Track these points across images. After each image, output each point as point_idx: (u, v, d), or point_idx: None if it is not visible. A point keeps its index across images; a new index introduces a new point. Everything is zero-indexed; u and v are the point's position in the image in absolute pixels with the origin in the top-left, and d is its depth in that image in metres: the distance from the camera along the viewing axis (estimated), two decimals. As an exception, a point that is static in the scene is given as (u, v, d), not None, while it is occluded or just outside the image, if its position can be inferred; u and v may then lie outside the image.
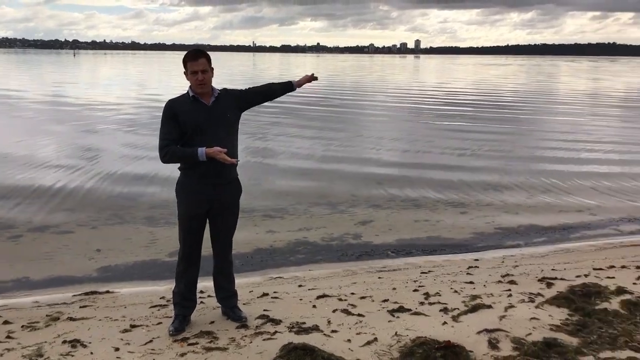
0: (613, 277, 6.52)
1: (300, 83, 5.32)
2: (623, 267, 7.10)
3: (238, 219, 5.20)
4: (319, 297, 5.99)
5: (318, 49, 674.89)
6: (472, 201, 11.38)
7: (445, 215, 10.46)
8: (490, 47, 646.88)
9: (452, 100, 35.83)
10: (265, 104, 5.37)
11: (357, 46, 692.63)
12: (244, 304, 5.60)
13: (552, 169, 14.43)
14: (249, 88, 5.20)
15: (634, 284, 6.25)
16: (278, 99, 5.52)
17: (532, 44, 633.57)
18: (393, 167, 14.67)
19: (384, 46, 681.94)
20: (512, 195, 11.91)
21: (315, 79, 5.41)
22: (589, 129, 22.34)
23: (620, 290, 5.99)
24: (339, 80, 60.51)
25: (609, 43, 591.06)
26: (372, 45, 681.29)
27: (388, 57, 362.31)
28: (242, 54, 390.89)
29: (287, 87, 5.27)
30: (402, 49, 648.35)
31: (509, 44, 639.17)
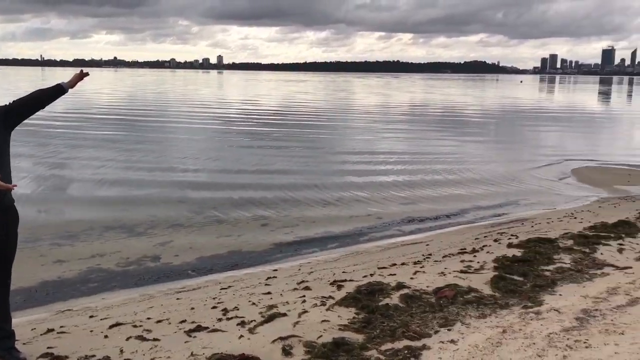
0: (394, 274, 7.16)
1: (72, 83, 4.95)
2: (403, 264, 7.84)
3: (16, 250, 4.72)
4: (111, 327, 5.68)
5: (115, 63, 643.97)
6: (273, 215, 11.71)
7: (246, 229, 10.62)
8: (290, 63, 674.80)
9: (255, 116, 36.60)
10: (55, 123, 4.96)
11: (158, 61, 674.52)
12: (23, 343, 5.09)
13: (345, 180, 15.44)
14: (14, 101, 4.69)
15: (411, 278, 6.93)
16: (62, 115, 5.13)
17: (328, 61, 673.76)
18: (194, 185, 14.52)
19: (185, 61, 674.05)
20: (309, 204, 12.52)
21: (87, 74, 5.11)
22: (378, 142, 24.39)
23: (400, 286, 6.61)
24: (139, 96, 58.30)
25: (393, 61, 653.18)
26: (173, 60, 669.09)
27: (191, 72, 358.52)
28: (30, 68, 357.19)
29: (58, 90, 4.81)
30: (205, 65, 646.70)
31: (307, 61, 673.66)
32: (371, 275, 7.19)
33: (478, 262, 7.50)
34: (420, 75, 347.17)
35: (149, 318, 5.93)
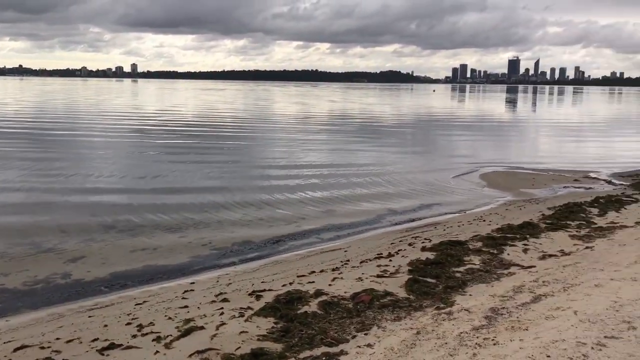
0: (313, 282, 7.22)
1: None
2: (322, 271, 7.93)
3: None
4: (16, 350, 5.39)
5: (21, 71, 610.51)
6: (190, 224, 11.51)
7: (162, 241, 10.36)
8: (208, 72, 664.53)
9: (171, 126, 35.81)
10: None
11: (68, 69, 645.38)
12: None
13: (265, 189, 15.41)
14: None
15: (330, 285, 7.01)
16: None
17: (246, 69, 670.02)
18: (108, 198, 14.00)
19: (98, 69, 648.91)
20: (228, 215, 12.39)
21: None
22: (298, 151, 24.51)
23: (318, 293, 6.68)
24: (47, 106, 55.58)
25: (312, 70, 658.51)
26: (85, 68, 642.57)
27: (104, 81, 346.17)
28: None
29: None
30: (119, 73, 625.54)
31: (225, 70, 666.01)
32: (290, 284, 7.22)
33: (394, 266, 7.71)
34: (338, 84, 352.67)
35: (58, 338, 5.67)
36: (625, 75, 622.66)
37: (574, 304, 5.84)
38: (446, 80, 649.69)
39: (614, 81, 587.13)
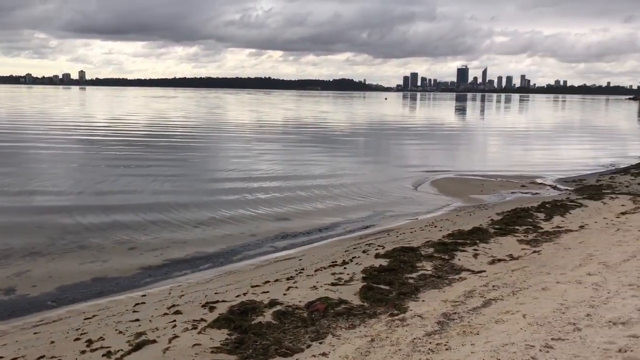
0: (267, 292, 7.18)
1: None
2: (276, 280, 7.89)
3: None
4: (-44, 371, 5.14)
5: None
6: (141, 236, 11.28)
7: (112, 253, 10.11)
8: (158, 79, 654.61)
9: (120, 135, 35.08)
10: None
11: (12, 76, 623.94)
12: None
13: (218, 199, 15.25)
14: None
15: (285, 294, 6.99)
16: None
17: (198, 77, 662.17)
18: (55, 209, 13.55)
19: (44, 76, 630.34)
20: (181, 227, 12.18)
21: None
22: (251, 159, 24.39)
23: (273, 303, 6.64)
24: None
25: (265, 77, 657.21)
26: (29, 75, 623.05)
27: (50, 88, 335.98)
28: None
29: None
30: (66, 80, 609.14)
31: (176, 77, 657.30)
32: (244, 294, 7.16)
33: (348, 274, 7.74)
34: (291, 92, 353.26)
35: (1, 357, 5.45)
36: (569, 84, 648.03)
37: (523, 307, 5.99)
38: (397, 89, 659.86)
39: (558, 89, 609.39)
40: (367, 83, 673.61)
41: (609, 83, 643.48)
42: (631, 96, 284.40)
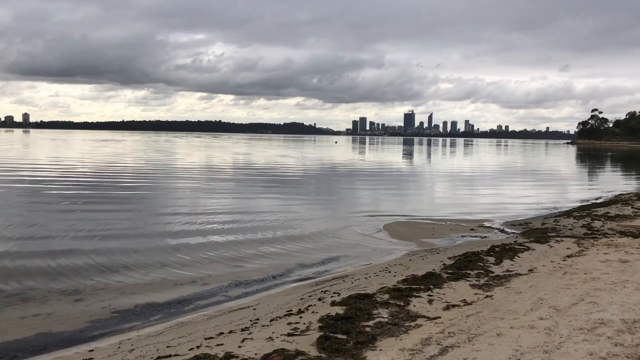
0: (222, 344, 7.00)
1: None
2: (231, 332, 7.71)
3: None
4: None
5: None
6: (88, 286, 10.86)
7: (57, 305, 9.68)
8: (106, 122, 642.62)
9: (64, 178, 34.09)
10: None
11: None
12: None
13: (168, 244, 14.90)
14: None
15: (240, 347, 6.83)
16: None
17: (147, 120, 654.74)
18: (-5, 258, 12.93)
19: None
20: (129, 275, 11.81)
21: None
22: (201, 203, 24.08)
23: (228, 356, 6.47)
24: None
25: (216, 121, 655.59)
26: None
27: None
28: None
29: None
30: (9, 123, 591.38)
31: (125, 120, 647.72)
32: (198, 347, 6.96)
33: (304, 323, 7.65)
34: (242, 135, 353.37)
35: None
36: (510, 128, 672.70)
37: (479, 354, 6.05)
38: (347, 132, 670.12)
39: (500, 134, 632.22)
40: (317, 127, 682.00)
41: (547, 128, 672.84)
42: (569, 140, 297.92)
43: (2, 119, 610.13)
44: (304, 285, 11.19)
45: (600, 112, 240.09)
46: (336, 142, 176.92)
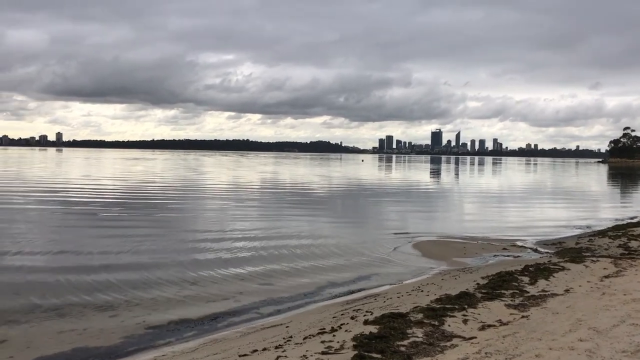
0: (256, 362, 7.01)
1: None
2: (265, 349, 7.71)
3: None
4: None
5: None
6: (122, 302, 11.00)
7: (93, 321, 9.82)
8: (137, 141, 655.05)
9: (100, 196, 34.72)
10: None
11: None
12: None
13: (199, 261, 15.01)
14: None
15: (274, 364, 6.82)
16: None
17: (177, 139, 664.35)
18: (31, 273, 13.21)
19: (20, 138, 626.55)
20: (162, 291, 11.94)
21: None
22: (232, 221, 24.25)
23: (263, 373, 6.47)
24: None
25: (243, 139, 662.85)
26: (5, 137, 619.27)
27: (26, 149, 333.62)
28: None
29: None
30: (43, 142, 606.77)
31: (155, 139, 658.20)
32: (232, 364, 6.97)
33: (338, 342, 7.61)
34: (269, 153, 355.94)
35: None
36: (539, 147, 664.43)
37: (519, 375, 5.94)
38: (373, 151, 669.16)
39: (529, 152, 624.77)
40: (343, 145, 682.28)
41: (577, 146, 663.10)
42: (600, 159, 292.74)
43: (37, 138, 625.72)
44: (336, 303, 11.15)
45: (633, 130, 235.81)
46: (363, 161, 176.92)
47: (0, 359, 8.00)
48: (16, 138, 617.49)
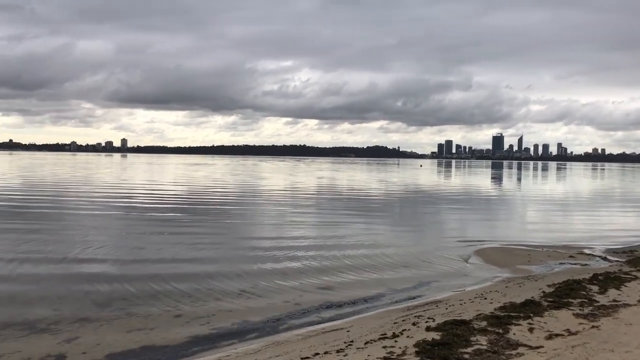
0: (319, 365, 7.04)
1: None
2: (326, 352, 7.74)
3: None
4: None
5: (11, 146, 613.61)
6: (187, 302, 11.30)
7: (159, 321, 10.12)
8: (197, 147, 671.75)
9: (163, 201, 35.80)
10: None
11: (58, 144, 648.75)
12: None
13: (260, 266, 15.21)
14: None
15: (336, 368, 6.83)
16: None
17: (236, 145, 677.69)
18: (101, 276, 13.71)
19: (87, 144, 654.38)
20: (224, 292, 12.19)
21: None
22: (290, 226, 24.47)
23: (326, 376, 6.49)
24: (37, 179, 55.51)
25: (300, 145, 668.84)
26: (74, 143, 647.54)
27: (93, 155, 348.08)
28: None
29: None
30: (108, 148, 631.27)
31: (215, 145, 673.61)
32: (295, 366, 7.03)
33: (400, 348, 7.55)
34: (326, 158, 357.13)
35: None
36: (607, 152, 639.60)
37: (590, 387, 5.72)
38: (432, 156, 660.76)
39: (596, 157, 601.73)
40: (401, 150, 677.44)
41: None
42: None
43: (103, 144, 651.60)
44: (397, 309, 11.05)
45: None
46: (421, 166, 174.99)
47: (73, 354, 8.35)
48: (84, 144, 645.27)
